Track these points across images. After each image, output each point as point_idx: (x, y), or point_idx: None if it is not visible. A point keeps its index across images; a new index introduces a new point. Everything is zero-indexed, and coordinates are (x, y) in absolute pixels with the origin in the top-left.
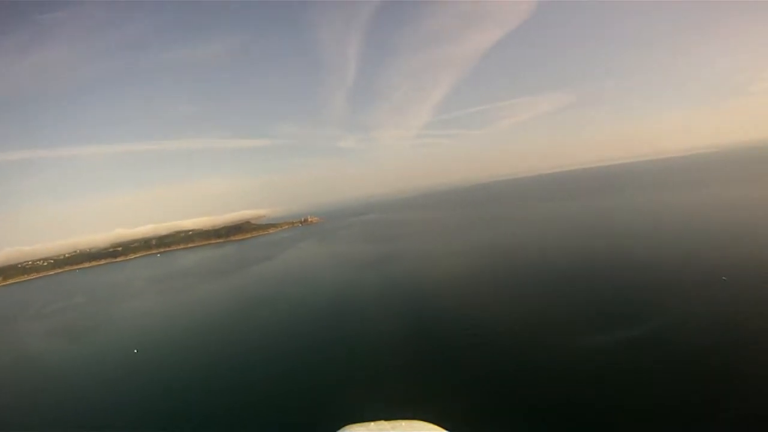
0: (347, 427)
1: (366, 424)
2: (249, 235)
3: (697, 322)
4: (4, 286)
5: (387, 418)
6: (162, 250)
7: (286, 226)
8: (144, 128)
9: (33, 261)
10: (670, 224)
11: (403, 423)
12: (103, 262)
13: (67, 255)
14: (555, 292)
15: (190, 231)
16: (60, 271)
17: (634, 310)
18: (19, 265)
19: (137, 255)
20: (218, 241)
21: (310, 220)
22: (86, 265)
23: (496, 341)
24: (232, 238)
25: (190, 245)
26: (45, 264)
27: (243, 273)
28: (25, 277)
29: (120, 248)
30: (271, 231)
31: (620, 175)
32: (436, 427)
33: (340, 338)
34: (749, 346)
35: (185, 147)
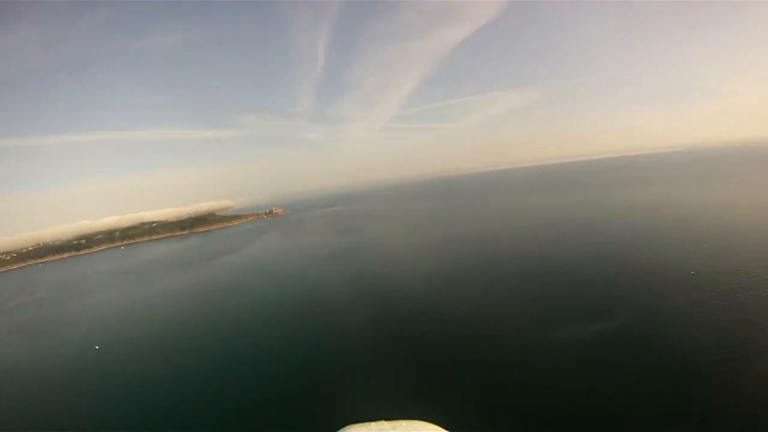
0: (347, 427)
1: (366, 424)
2: (214, 227)
3: (668, 317)
4: None
5: (387, 418)
6: (126, 242)
7: (251, 218)
8: (107, 117)
9: None
10: (636, 220)
11: (403, 423)
12: (66, 255)
13: (30, 248)
14: (522, 286)
15: (154, 223)
16: (23, 265)
17: (604, 304)
18: None
19: (101, 247)
20: (183, 232)
21: (275, 211)
22: (50, 258)
23: (460, 333)
24: (197, 229)
25: (154, 237)
26: (8, 258)
27: (208, 265)
28: None
29: (84, 241)
30: (236, 222)
31: (586, 172)
32: (436, 427)
33: (308, 333)
34: (719, 341)
35: (150, 137)
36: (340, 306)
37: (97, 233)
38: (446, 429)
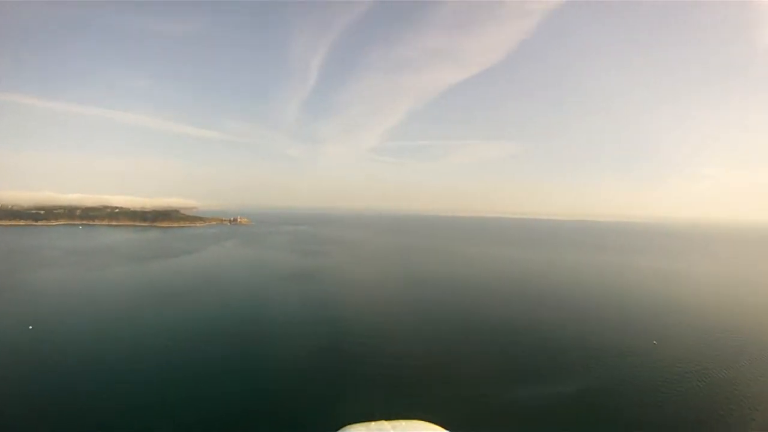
0: (347, 427)
1: (366, 424)
2: (176, 224)
3: (629, 384)
4: None
5: (387, 418)
6: (85, 222)
7: (215, 222)
8: (89, 91)
9: None
10: (601, 284)
11: (403, 423)
12: (23, 222)
13: None
14: (479, 337)
15: (116, 208)
16: None
17: (565, 364)
18: None
19: (59, 222)
20: (143, 224)
21: (240, 220)
22: (5, 222)
23: (412, 374)
24: (158, 224)
25: (113, 223)
26: None
27: (161, 263)
28: None
29: (42, 212)
30: (198, 224)
31: (554, 231)
32: (436, 427)
33: (237, 348)
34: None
35: (130, 121)
36: (282, 329)
37: (58, 207)
38: (446, 429)
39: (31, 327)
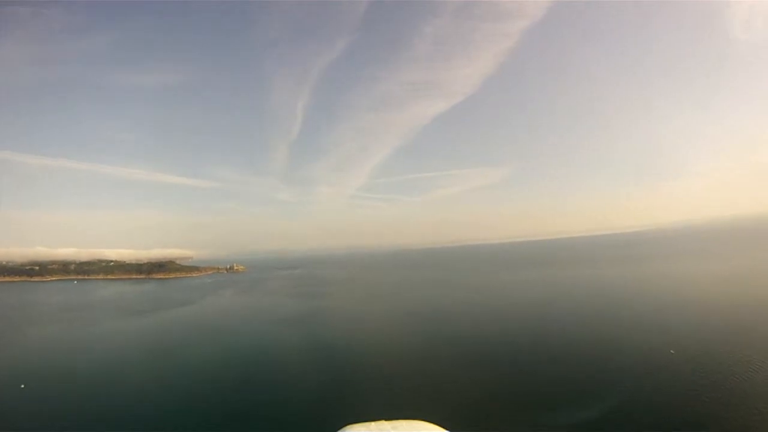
0: (347, 427)
1: (366, 424)
2: (172, 275)
3: (651, 402)
4: None
5: (387, 418)
6: (80, 276)
7: (211, 271)
8: (78, 146)
9: None
10: (609, 299)
11: (403, 423)
12: (17, 279)
13: None
14: (490, 366)
15: (111, 262)
16: None
17: (581, 387)
18: None
19: (54, 278)
20: (139, 276)
21: (236, 267)
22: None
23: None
24: (154, 275)
25: (109, 276)
26: None
27: (157, 315)
28: None
29: (37, 267)
30: (194, 274)
31: (554, 249)
32: (436, 427)
33: (241, 398)
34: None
35: (120, 174)
36: (284, 375)
37: (52, 262)
38: (446, 429)
39: (23, 386)
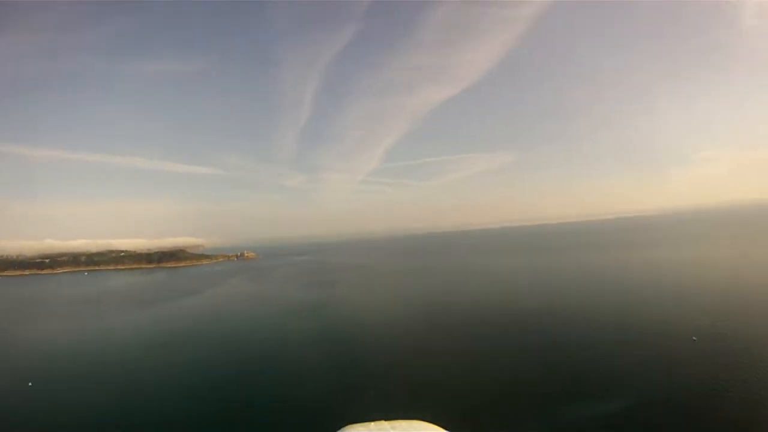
0: (347, 427)
1: (366, 424)
2: (182, 264)
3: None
4: None
5: (387, 418)
6: (90, 268)
7: (221, 259)
8: (89, 137)
9: None
10: (625, 283)
11: (403, 423)
12: (28, 272)
13: None
14: (506, 357)
15: (122, 252)
16: None
17: (606, 378)
18: None
19: (64, 269)
20: (149, 266)
21: (246, 255)
22: (10, 273)
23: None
24: (165, 264)
25: (119, 267)
26: None
27: (168, 305)
28: None
29: (47, 260)
30: (205, 262)
31: (562, 234)
32: (436, 427)
33: (248, 393)
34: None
35: (129, 164)
36: (292, 367)
37: (62, 254)
38: (446, 429)
39: (30, 384)
